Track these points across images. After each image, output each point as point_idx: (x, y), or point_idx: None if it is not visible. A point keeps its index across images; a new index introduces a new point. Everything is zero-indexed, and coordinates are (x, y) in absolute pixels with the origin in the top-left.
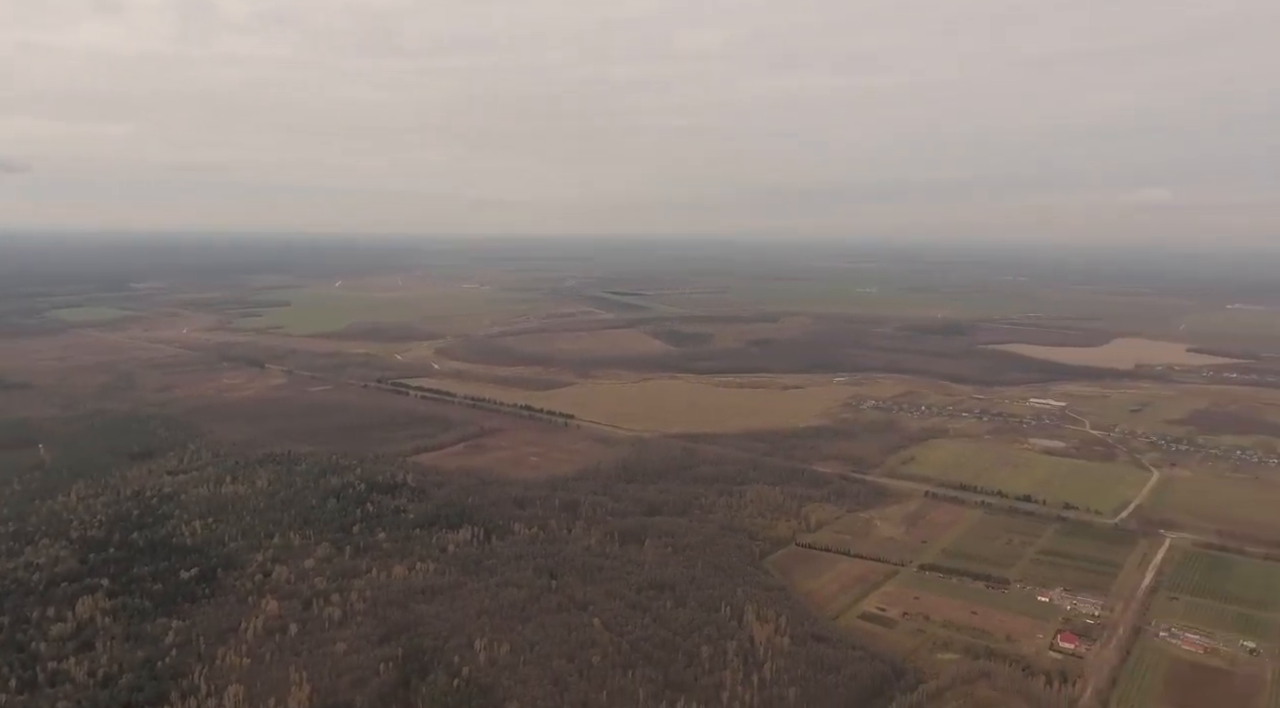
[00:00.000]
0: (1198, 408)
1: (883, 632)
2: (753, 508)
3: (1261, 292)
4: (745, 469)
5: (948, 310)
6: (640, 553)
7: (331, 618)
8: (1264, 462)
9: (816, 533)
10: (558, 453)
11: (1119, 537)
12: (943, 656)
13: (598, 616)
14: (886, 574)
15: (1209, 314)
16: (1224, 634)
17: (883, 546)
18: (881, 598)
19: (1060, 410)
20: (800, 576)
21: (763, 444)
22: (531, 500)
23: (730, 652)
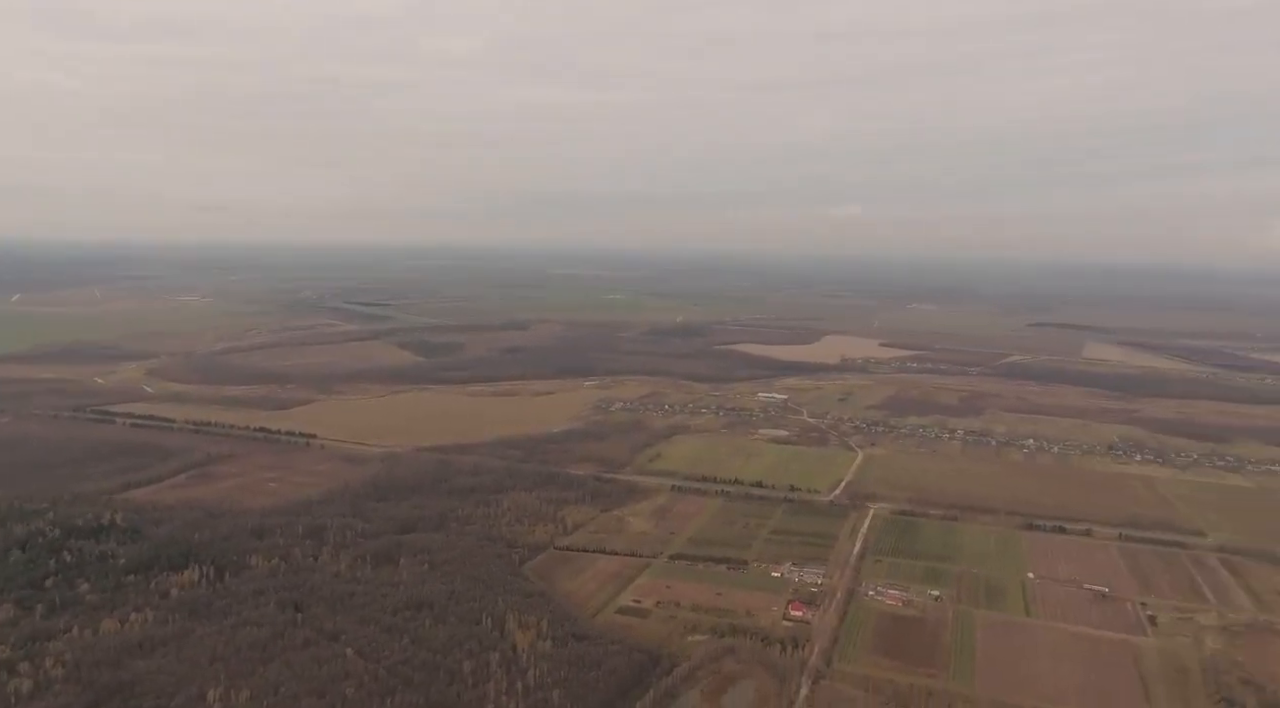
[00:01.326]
0: (889, 394)
1: (639, 623)
2: (511, 516)
3: (935, 293)
4: (501, 478)
5: (686, 314)
6: (395, 573)
7: (20, 691)
8: (939, 437)
9: (574, 535)
10: (299, 476)
11: (834, 512)
12: (693, 638)
13: (351, 645)
14: (640, 568)
15: (895, 313)
16: (917, 587)
17: (636, 541)
18: (636, 591)
19: (783, 403)
20: (560, 578)
21: (518, 451)
22: (271, 530)
23: (493, 663)
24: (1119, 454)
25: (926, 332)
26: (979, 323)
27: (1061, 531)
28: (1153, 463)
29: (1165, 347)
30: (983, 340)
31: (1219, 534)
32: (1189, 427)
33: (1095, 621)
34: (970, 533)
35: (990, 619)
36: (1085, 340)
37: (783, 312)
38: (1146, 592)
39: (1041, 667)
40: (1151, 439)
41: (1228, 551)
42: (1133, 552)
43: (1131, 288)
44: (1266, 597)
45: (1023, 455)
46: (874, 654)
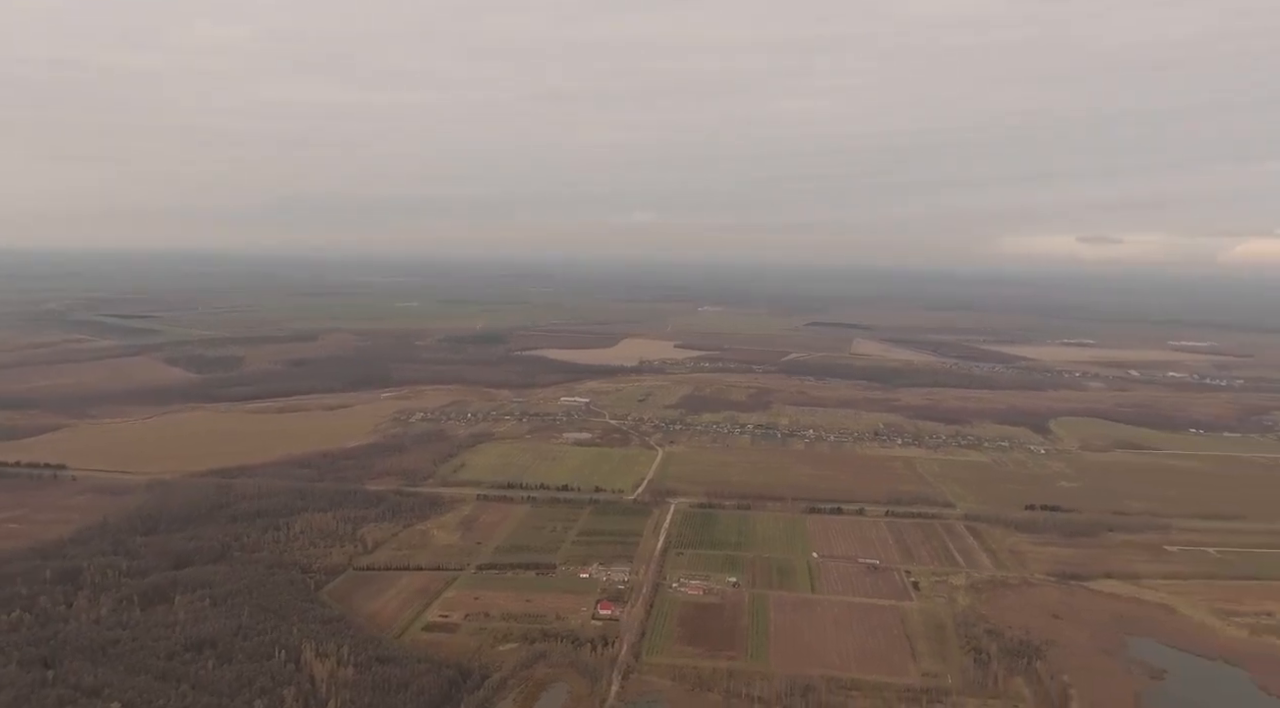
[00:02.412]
0: (685, 393)
1: (447, 639)
2: (304, 539)
3: (724, 296)
4: (291, 500)
5: (486, 321)
6: (170, 614)
7: None
8: (731, 433)
9: (375, 553)
10: (46, 514)
11: (638, 510)
12: (503, 647)
13: (117, 699)
14: (447, 581)
15: (688, 316)
16: (716, 575)
17: (441, 554)
18: (444, 605)
19: (586, 406)
20: (361, 600)
21: (310, 470)
22: (10, 578)
23: (289, 699)
24: (883, 439)
25: (717, 333)
26: (763, 323)
27: (839, 511)
28: (911, 446)
29: (917, 341)
30: (767, 340)
31: (965, 504)
32: (937, 412)
33: (869, 591)
34: (762, 520)
35: (782, 599)
36: (853, 338)
37: (581, 316)
38: (910, 561)
39: (826, 638)
40: (909, 424)
41: (971, 518)
42: (898, 526)
43: (889, 289)
44: (1002, 556)
45: (804, 445)
46: (679, 644)
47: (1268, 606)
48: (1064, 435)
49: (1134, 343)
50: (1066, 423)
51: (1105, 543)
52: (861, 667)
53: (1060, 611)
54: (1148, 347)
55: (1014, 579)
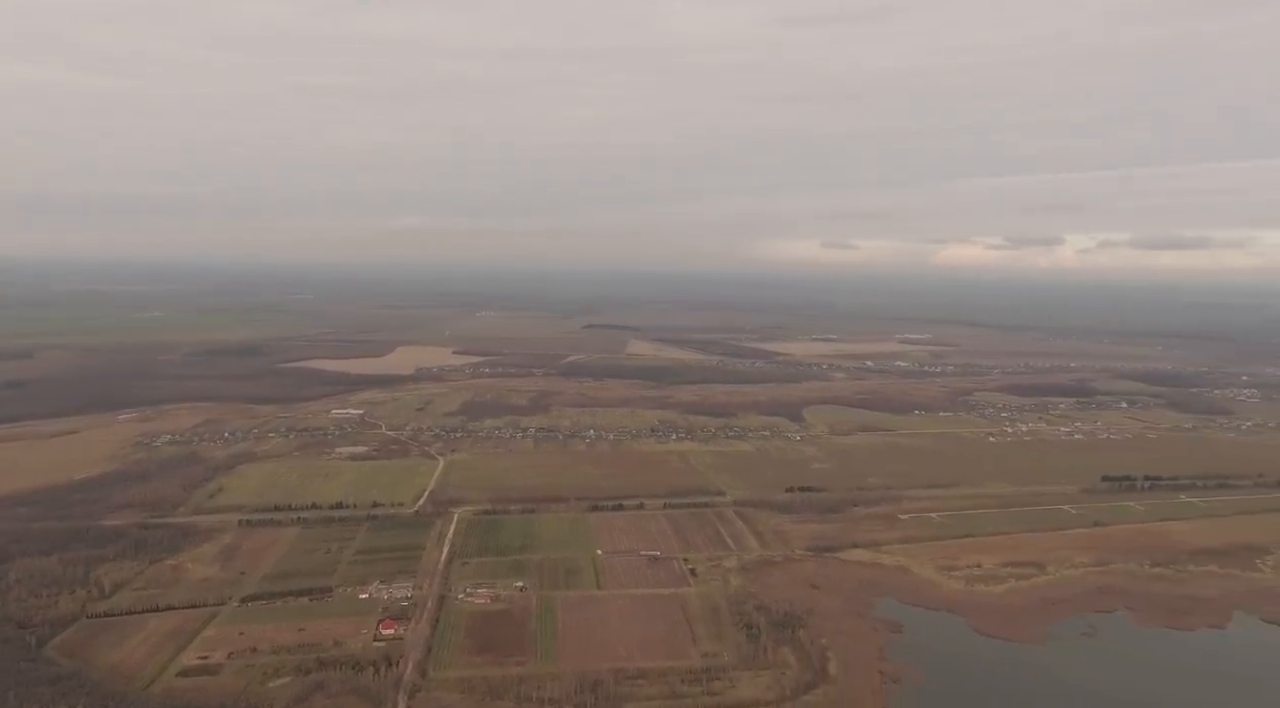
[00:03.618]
0: (466, 400)
1: (209, 682)
2: (22, 589)
3: (500, 300)
4: (5, 544)
5: (244, 332)
6: None
7: None
8: (514, 437)
9: (114, 597)
10: None
11: (419, 522)
12: (274, 683)
13: None
14: (206, 619)
15: (465, 321)
16: (504, 581)
17: (198, 589)
18: (203, 646)
19: (360, 418)
20: (99, 651)
21: (28, 508)
22: None
23: None
24: (659, 435)
25: (495, 337)
26: (541, 327)
27: (621, 508)
28: (685, 440)
29: (686, 341)
30: (546, 343)
31: (734, 492)
32: (707, 406)
33: (651, 581)
34: (547, 522)
35: (569, 599)
36: (628, 339)
37: (351, 324)
38: (688, 549)
39: (613, 631)
40: (682, 420)
41: (740, 504)
42: (676, 517)
43: (658, 291)
44: (768, 537)
45: (585, 445)
46: (468, 655)
47: (978, 559)
48: (815, 422)
49: (869, 337)
50: (817, 411)
51: (852, 517)
52: (647, 655)
53: (818, 581)
54: (880, 340)
55: (779, 557)
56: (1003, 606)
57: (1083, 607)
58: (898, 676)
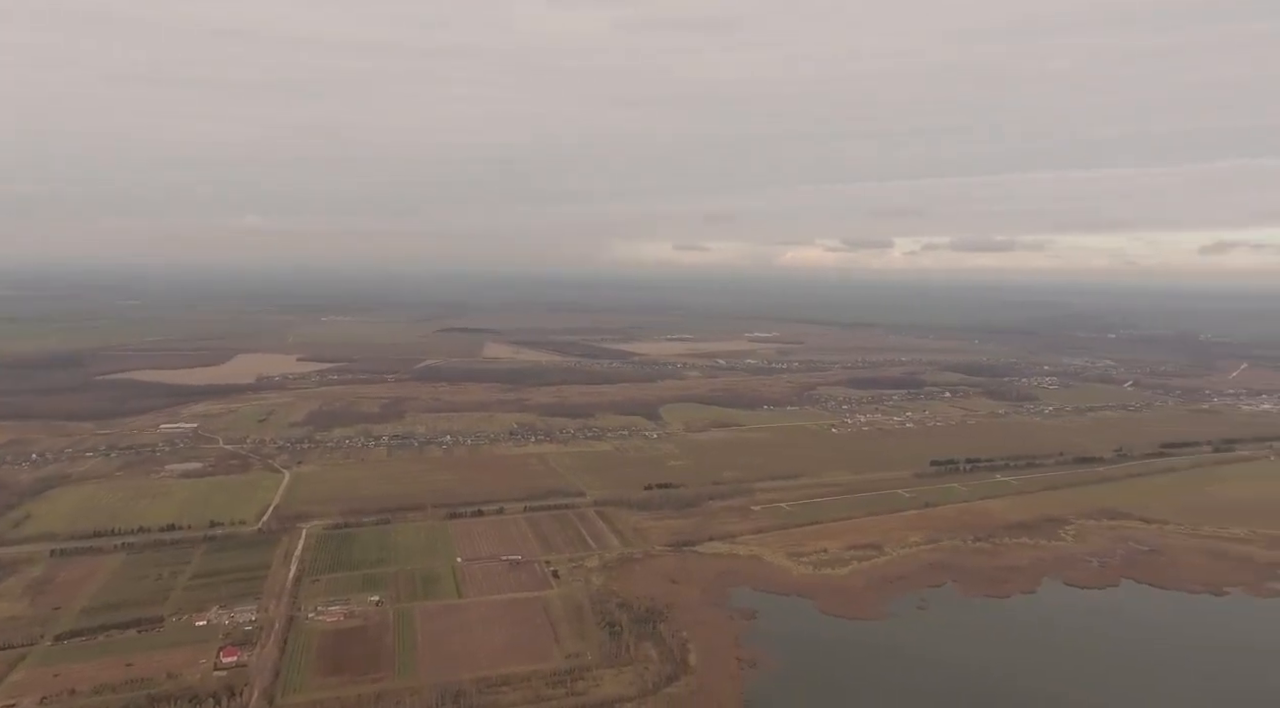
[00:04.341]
0: (313, 409)
1: None
2: None
3: (350, 304)
4: None
5: (56, 341)
6: None
7: None
8: (365, 446)
9: None
10: None
11: (264, 540)
12: None
13: None
14: (13, 662)
15: (311, 326)
16: (357, 597)
17: (2, 630)
18: (9, 692)
19: (194, 432)
20: None
21: None
22: None
23: None
24: (518, 438)
25: (345, 343)
26: (394, 331)
27: (480, 513)
28: (544, 442)
29: (543, 342)
30: (399, 348)
31: (594, 491)
32: (565, 407)
33: (513, 586)
34: (403, 532)
35: (428, 609)
36: (485, 341)
37: (185, 332)
38: (549, 551)
39: (475, 639)
40: (540, 422)
41: (600, 503)
42: (536, 520)
43: (516, 294)
44: (628, 534)
45: (442, 451)
46: (320, 676)
47: (824, 544)
48: (671, 420)
49: (720, 336)
50: (673, 409)
51: (708, 511)
52: (510, 661)
53: (677, 575)
54: (731, 339)
55: (639, 554)
56: (847, 587)
57: (917, 583)
58: (754, 660)
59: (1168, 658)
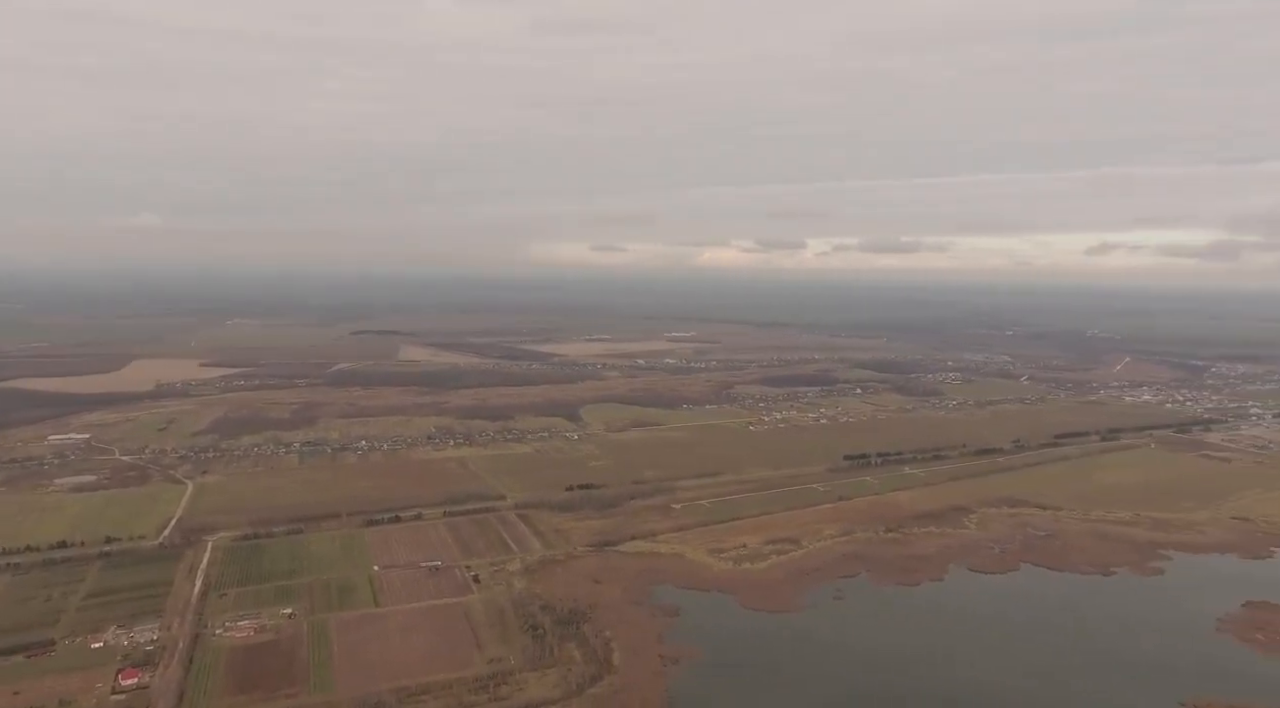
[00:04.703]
0: (218, 417)
1: None
2: None
3: (255, 308)
4: None
5: None
6: None
7: None
8: (276, 453)
9: None
10: None
11: (165, 555)
12: None
13: None
14: None
15: (214, 330)
16: (269, 610)
17: None
18: None
19: (86, 443)
20: None
21: None
22: None
23: None
24: (436, 442)
25: (251, 347)
26: (304, 334)
27: (398, 520)
28: (463, 445)
29: (461, 344)
30: (309, 352)
31: (515, 494)
32: (485, 410)
33: (433, 592)
34: (317, 542)
35: (344, 620)
36: (400, 344)
37: (73, 337)
38: (470, 556)
39: (394, 649)
40: (459, 425)
41: (522, 506)
42: (456, 525)
43: (431, 295)
44: (550, 536)
45: (357, 457)
46: (229, 695)
47: (744, 540)
48: (592, 421)
49: (639, 336)
50: (593, 409)
51: (629, 510)
52: (430, 669)
53: (600, 575)
54: (649, 339)
55: (561, 556)
56: (766, 581)
57: (832, 574)
58: (676, 657)
59: (1062, 634)
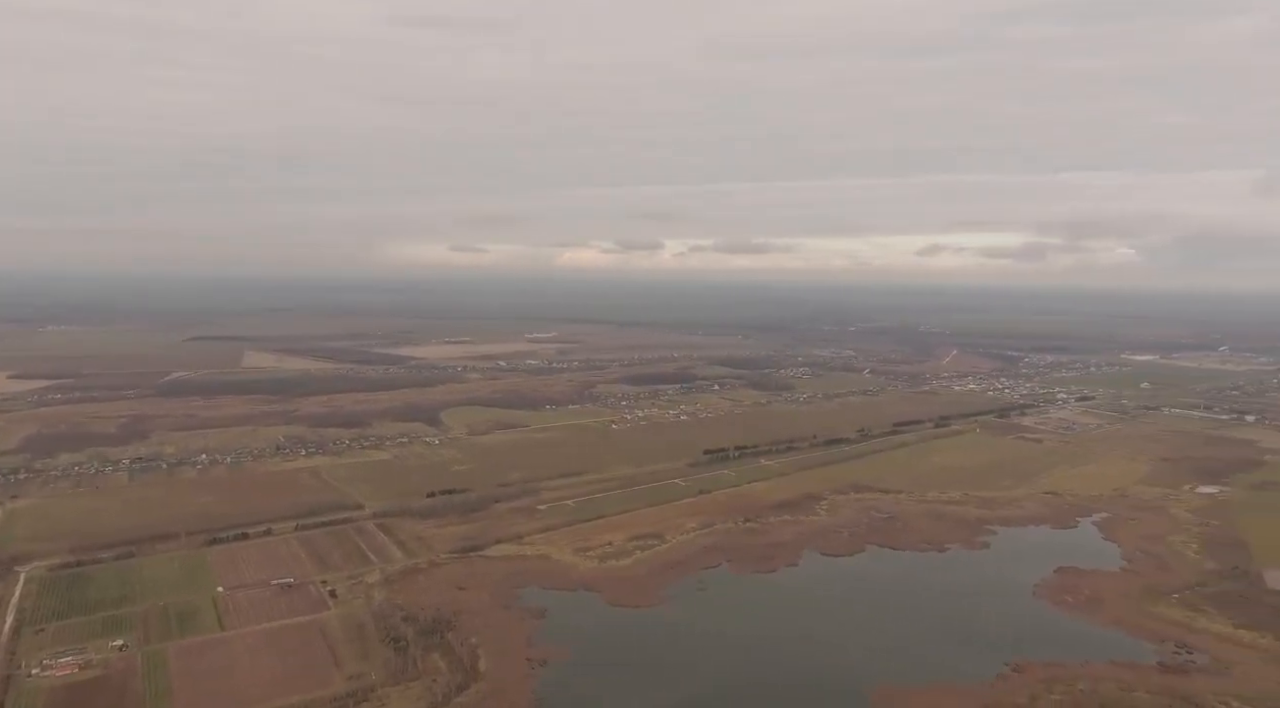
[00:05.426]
0: (29, 433)
1: None
2: None
3: (75, 313)
4: None
5: None
6: None
7: None
8: (101, 472)
9: None
10: None
11: None
12: None
13: None
14: None
15: (24, 339)
16: (96, 643)
17: None
18: None
19: None
20: None
21: None
22: None
23: None
24: (286, 452)
25: (71, 356)
26: (133, 342)
27: (245, 536)
28: (316, 455)
29: (312, 349)
30: (139, 360)
31: (373, 503)
32: (338, 417)
33: (285, 611)
34: (152, 566)
35: (184, 648)
36: (244, 350)
37: None
38: (325, 570)
39: (243, 674)
40: (311, 433)
41: (381, 515)
42: (310, 539)
43: (278, 299)
44: (411, 545)
45: (197, 472)
46: None
47: (609, 537)
48: (453, 424)
49: (501, 338)
50: (455, 413)
51: (494, 514)
52: (284, 692)
53: (464, 582)
54: (511, 340)
55: (423, 564)
56: (631, 577)
57: (695, 566)
58: (544, 658)
59: (904, 609)
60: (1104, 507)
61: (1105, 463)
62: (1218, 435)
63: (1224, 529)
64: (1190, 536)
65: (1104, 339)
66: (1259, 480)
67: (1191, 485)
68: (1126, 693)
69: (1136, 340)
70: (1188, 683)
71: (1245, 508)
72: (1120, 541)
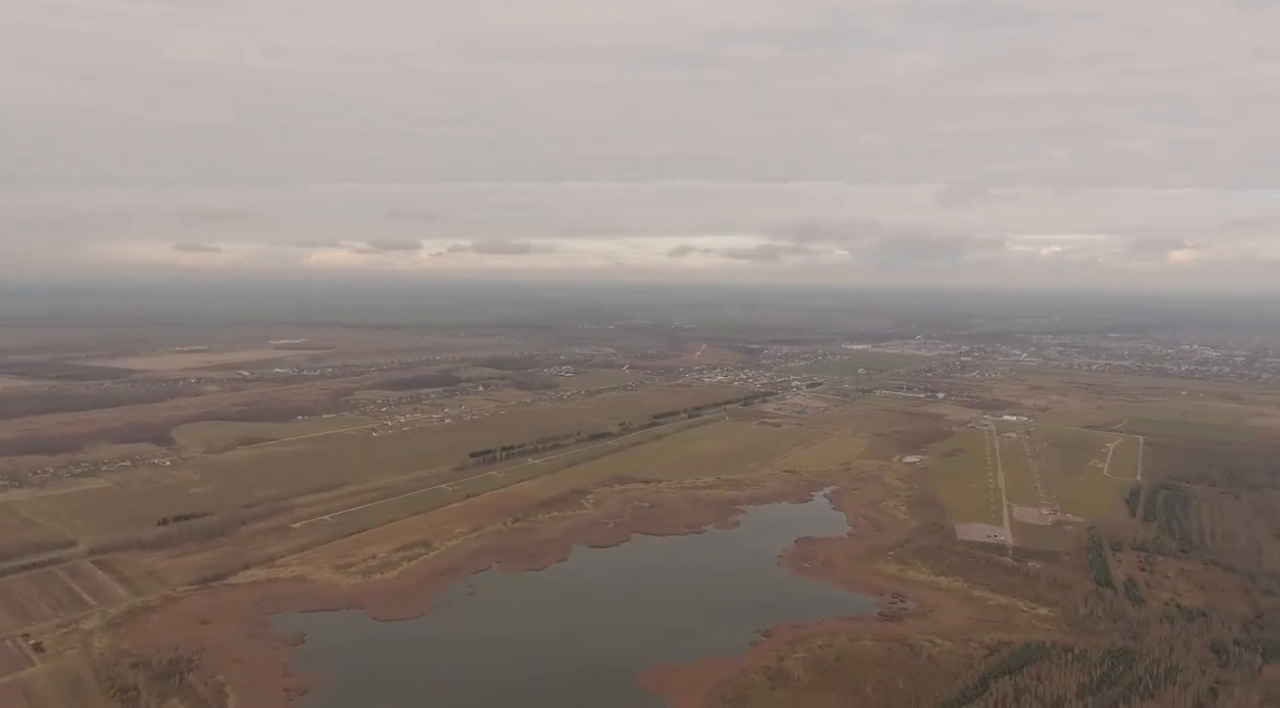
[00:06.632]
0: None
1: None
2: None
3: None
4: None
5: None
6: None
7: None
8: None
9: None
10: None
11: None
12: None
13: None
14: None
15: None
16: None
17: None
18: None
19: None
20: None
21: None
22: None
23: None
24: None
25: None
26: None
27: None
28: (11, 488)
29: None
30: None
31: (89, 538)
32: (39, 443)
33: None
34: None
35: None
36: None
37: None
38: (27, 622)
39: None
40: (4, 463)
41: (99, 551)
42: (6, 586)
43: None
44: (139, 580)
45: None
46: None
47: (373, 550)
48: (188, 443)
49: (241, 345)
50: (189, 430)
51: (240, 537)
52: None
53: (208, 615)
54: (254, 347)
55: (156, 601)
56: (398, 589)
57: (465, 570)
58: (304, 686)
59: (669, 590)
60: (833, 480)
61: (832, 442)
62: (917, 412)
63: (924, 492)
64: (900, 500)
65: (828, 331)
66: (948, 448)
67: (899, 456)
68: (855, 643)
69: (853, 331)
70: (901, 628)
71: (939, 474)
72: (846, 509)
